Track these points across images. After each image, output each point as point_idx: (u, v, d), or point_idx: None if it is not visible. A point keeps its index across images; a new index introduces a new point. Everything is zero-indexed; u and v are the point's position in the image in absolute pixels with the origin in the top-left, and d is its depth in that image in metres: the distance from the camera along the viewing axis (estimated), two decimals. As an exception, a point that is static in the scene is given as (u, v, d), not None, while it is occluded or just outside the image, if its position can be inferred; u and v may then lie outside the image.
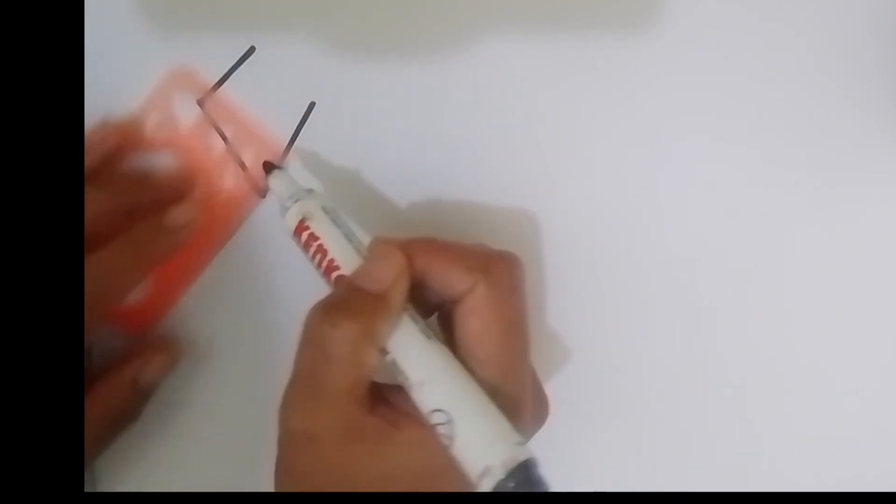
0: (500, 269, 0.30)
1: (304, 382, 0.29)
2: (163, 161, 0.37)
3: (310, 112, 0.37)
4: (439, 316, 0.32)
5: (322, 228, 0.32)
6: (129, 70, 0.37)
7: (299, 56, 0.37)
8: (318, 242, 0.32)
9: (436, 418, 0.28)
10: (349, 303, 0.29)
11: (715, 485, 0.36)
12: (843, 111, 0.36)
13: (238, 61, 0.37)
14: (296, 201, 0.33)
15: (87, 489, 0.36)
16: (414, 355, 0.29)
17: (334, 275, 0.31)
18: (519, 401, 0.30)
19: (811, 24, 0.36)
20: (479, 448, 0.27)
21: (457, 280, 0.29)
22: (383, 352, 0.29)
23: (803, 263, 0.36)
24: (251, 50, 0.37)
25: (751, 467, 0.36)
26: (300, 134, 0.37)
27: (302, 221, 0.32)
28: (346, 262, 0.31)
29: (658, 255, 0.36)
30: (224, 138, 0.37)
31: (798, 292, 0.36)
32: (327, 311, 0.29)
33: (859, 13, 0.36)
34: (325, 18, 0.37)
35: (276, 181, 0.34)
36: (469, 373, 0.29)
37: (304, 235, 0.32)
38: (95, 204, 0.32)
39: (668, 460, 0.37)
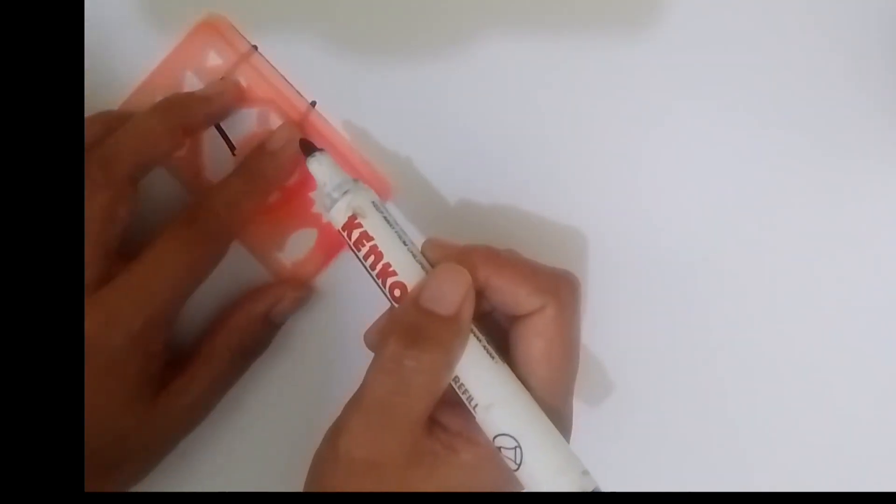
0: (567, 292, 0.30)
1: (377, 411, 0.29)
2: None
3: (310, 111, 0.37)
4: (489, 325, 0.31)
5: (376, 228, 0.30)
6: (129, 69, 0.37)
7: (300, 55, 0.37)
8: (371, 243, 0.30)
9: (502, 442, 0.28)
10: (427, 331, 0.29)
11: (721, 485, 0.36)
12: (846, 107, 0.36)
13: (238, 60, 0.37)
14: (344, 193, 0.31)
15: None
16: (481, 376, 0.29)
17: (390, 280, 0.30)
18: (570, 422, 0.30)
19: (813, 21, 0.36)
20: (549, 477, 0.28)
21: (526, 299, 0.29)
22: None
23: (805, 260, 0.36)
24: (252, 49, 0.37)
25: (757, 468, 0.36)
26: (301, 133, 0.37)
27: (353, 217, 0.30)
28: (404, 268, 0.30)
29: (659, 252, 0.36)
30: (227, 141, 0.37)
31: (801, 290, 0.36)
32: (408, 343, 0.29)
33: (862, 7, 0.35)
34: (325, 18, 0.37)
35: (318, 167, 0.32)
36: (531, 395, 0.29)
37: (356, 233, 0.30)
38: (151, 126, 0.34)
39: (673, 460, 0.37)
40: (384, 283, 0.30)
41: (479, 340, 0.29)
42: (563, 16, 0.36)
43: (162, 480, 0.36)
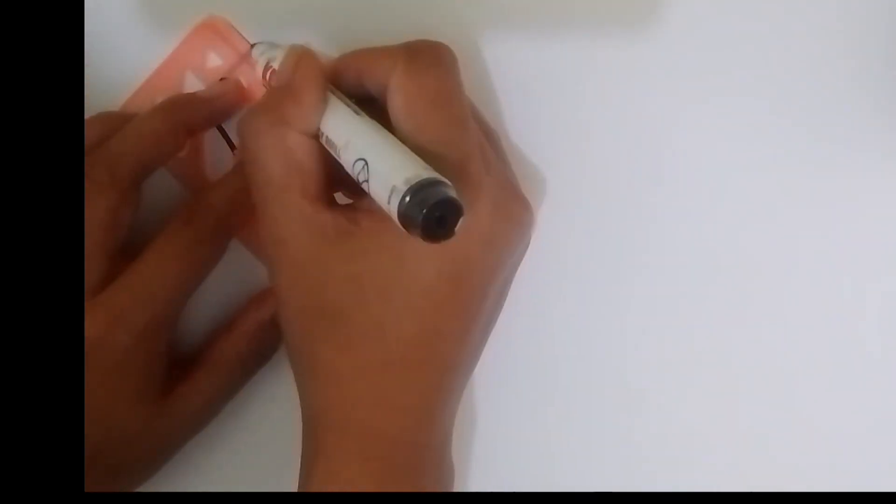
0: (418, 48, 0.31)
1: (253, 192, 0.31)
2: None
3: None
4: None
5: (279, 60, 0.32)
6: (129, 69, 0.37)
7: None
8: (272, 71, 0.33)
9: (357, 169, 0.28)
10: (259, 102, 0.31)
11: (717, 485, 0.36)
12: (845, 107, 0.36)
13: (238, 60, 0.37)
14: (261, 53, 0.34)
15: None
16: (340, 125, 0.30)
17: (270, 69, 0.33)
18: (463, 166, 0.29)
19: (812, 21, 0.36)
20: (386, 174, 0.27)
21: (380, 68, 0.30)
22: (310, 135, 0.30)
23: (807, 260, 0.36)
24: (252, 47, 0.37)
25: (753, 467, 0.36)
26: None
27: (267, 65, 0.33)
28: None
29: (660, 252, 0.36)
30: (227, 140, 0.37)
31: (803, 289, 0.36)
32: (243, 116, 0.31)
33: (861, 8, 0.35)
34: (325, 17, 0.37)
35: (256, 51, 0.35)
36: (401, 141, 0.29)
37: (268, 74, 0.33)
38: (154, 127, 0.34)
39: (667, 459, 0.37)
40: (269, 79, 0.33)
41: (348, 106, 0.30)
42: (562, 15, 0.36)
43: (163, 480, 0.36)
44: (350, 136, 0.29)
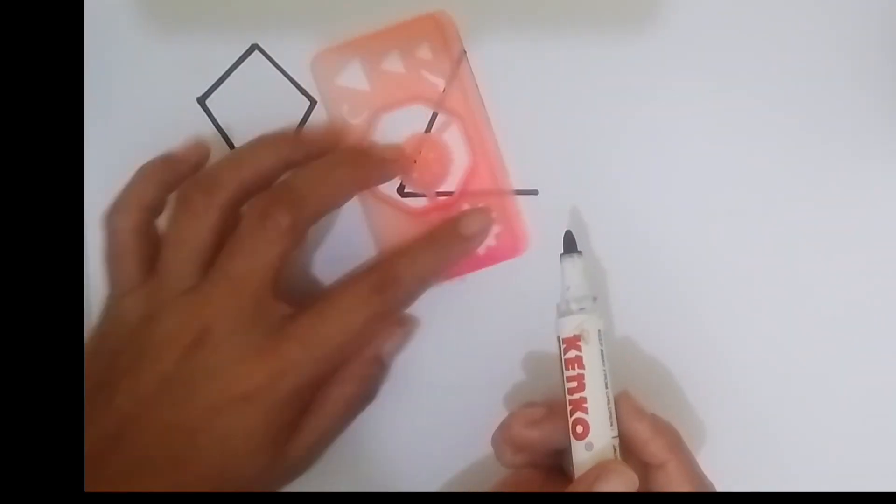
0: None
1: None
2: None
3: (311, 111, 0.37)
4: None
5: (591, 359, 0.31)
6: (129, 70, 0.37)
7: (300, 54, 0.37)
8: (580, 371, 0.31)
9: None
10: None
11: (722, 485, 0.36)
12: (845, 106, 0.36)
13: (238, 60, 0.37)
14: (581, 310, 0.31)
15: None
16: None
17: (577, 414, 0.31)
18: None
19: (812, 20, 0.36)
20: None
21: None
22: None
23: (807, 260, 0.36)
24: (252, 48, 0.37)
25: (756, 467, 0.36)
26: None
27: (577, 337, 0.31)
28: (596, 413, 0.31)
29: (659, 253, 0.36)
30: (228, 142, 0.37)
31: (803, 290, 0.36)
32: None
33: (861, 8, 0.35)
34: (325, 17, 0.37)
35: (572, 269, 0.32)
36: None
37: (572, 353, 0.31)
38: (339, 180, 0.34)
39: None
40: (571, 413, 0.31)
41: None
42: (562, 14, 0.36)
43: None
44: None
